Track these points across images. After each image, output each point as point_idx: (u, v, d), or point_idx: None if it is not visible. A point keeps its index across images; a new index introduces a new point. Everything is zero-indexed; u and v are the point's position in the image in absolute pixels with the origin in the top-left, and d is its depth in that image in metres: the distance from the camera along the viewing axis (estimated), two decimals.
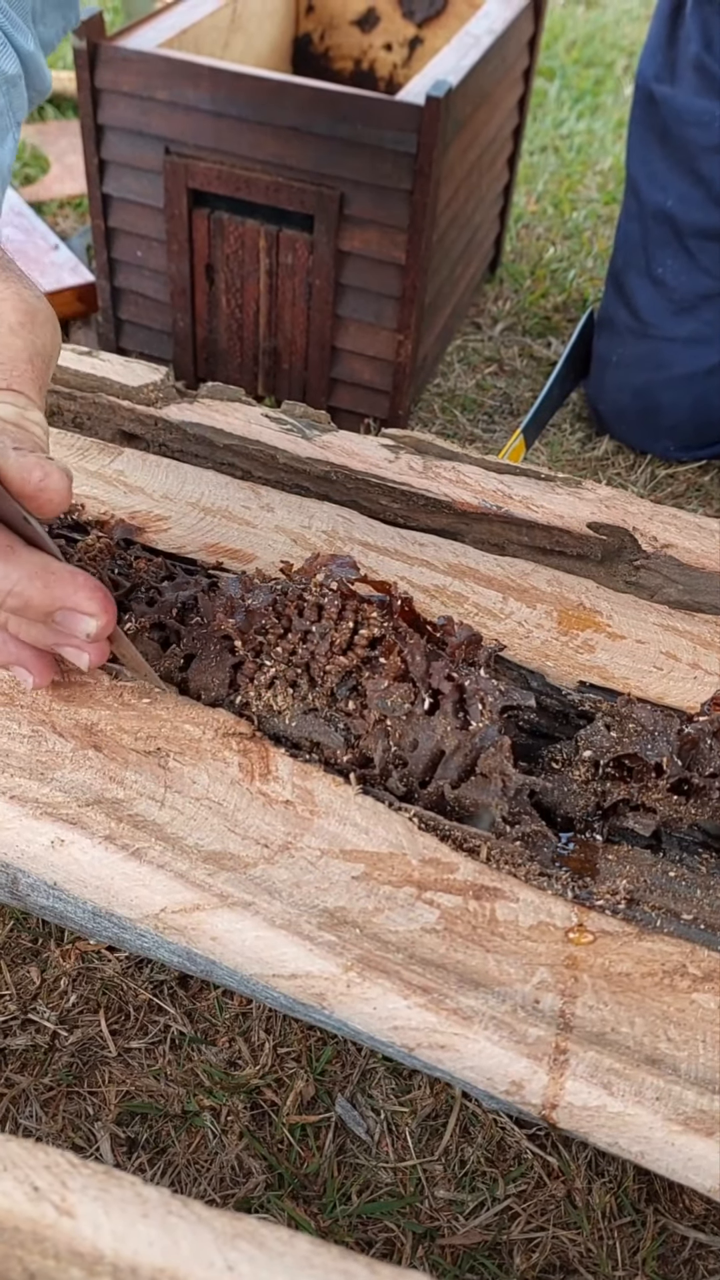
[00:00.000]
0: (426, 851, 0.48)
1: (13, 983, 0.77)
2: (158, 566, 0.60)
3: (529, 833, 0.50)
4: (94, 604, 0.44)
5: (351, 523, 0.67)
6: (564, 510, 0.67)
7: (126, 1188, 0.32)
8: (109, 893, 0.47)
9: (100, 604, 0.44)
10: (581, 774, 0.53)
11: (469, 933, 0.46)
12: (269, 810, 0.49)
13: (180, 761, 0.51)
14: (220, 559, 0.63)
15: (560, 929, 0.46)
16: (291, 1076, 0.73)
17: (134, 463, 0.70)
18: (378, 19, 1.52)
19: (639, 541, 0.65)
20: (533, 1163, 0.70)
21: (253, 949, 0.45)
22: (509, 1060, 0.42)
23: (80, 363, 0.75)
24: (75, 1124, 0.71)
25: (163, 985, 0.77)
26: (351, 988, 0.43)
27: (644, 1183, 0.70)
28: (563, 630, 0.61)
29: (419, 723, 0.51)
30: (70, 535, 0.64)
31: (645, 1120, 0.41)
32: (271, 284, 1.20)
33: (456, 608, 0.62)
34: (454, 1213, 0.68)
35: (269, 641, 0.54)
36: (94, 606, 0.44)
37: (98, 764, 0.51)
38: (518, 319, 1.52)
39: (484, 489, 0.68)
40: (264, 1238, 0.31)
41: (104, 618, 0.44)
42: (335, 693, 0.53)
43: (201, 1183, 0.69)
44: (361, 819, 0.49)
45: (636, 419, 1.28)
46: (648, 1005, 0.44)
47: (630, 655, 0.60)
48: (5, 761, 0.50)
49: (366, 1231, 0.67)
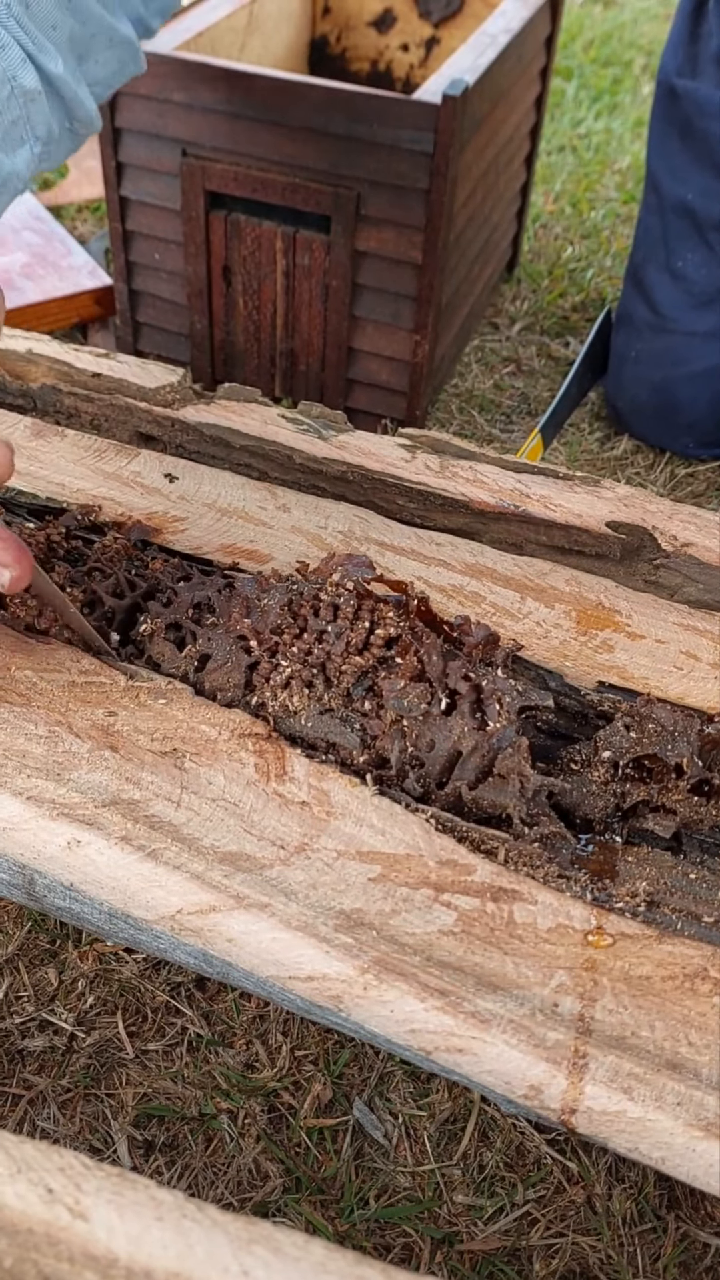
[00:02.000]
0: (444, 853, 0.48)
1: (30, 984, 0.77)
2: (174, 567, 0.60)
3: (547, 834, 0.49)
4: (7, 555, 0.49)
5: (368, 523, 0.67)
6: (582, 509, 0.66)
7: (141, 1191, 0.32)
8: (125, 894, 0.47)
9: (13, 556, 0.49)
10: (600, 775, 0.52)
11: (487, 935, 0.45)
12: (285, 811, 0.49)
13: (196, 762, 0.51)
14: (236, 559, 0.63)
15: (579, 931, 0.46)
16: (309, 1079, 0.73)
17: (151, 464, 0.70)
18: (394, 19, 1.52)
19: (658, 540, 0.65)
20: (552, 1168, 0.70)
21: (269, 951, 0.45)
22: (527, 1064, 0.41)
23: (98, 365, 0.75)
24: (93, 1126, 0.71)
25: (180, 987, 0.77)
26: (368, 990, 0.43)
27: (665, 1189, 0.69)
28: (581, 630, 0.61)
29: (436, 723, 0.51)
30: (87, 536, 0.64)
31: (666, 1126, 0.40)
32: (288, 285, 1.20)
33: (474, 608, 0.62)
34: (473, 1218, 0.68)
35: (285, 642, 0.53)
36: (7, 558, 0.49)
37: (114, 764, 0.51)
38: (535, 319, 1.51)
39: (501, 488, 0.67)
40: (279, 1242, 0.30)
41: (16, 569, 0.49)
42: (351, 693, 0.53)
43: (219, 1185, 0.68)
44: (378, 820, 0.49)
45: (655, 415, 1.27)
46: (668, 1009, 0.43)
47: (650, 655, 0.60)
48: (22, 762, 0.50)
49: (384, 1236, 0.67)
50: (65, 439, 0.71)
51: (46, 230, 1.49)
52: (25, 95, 0.61)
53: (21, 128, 0.62)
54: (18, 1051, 0.74)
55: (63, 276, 1.40)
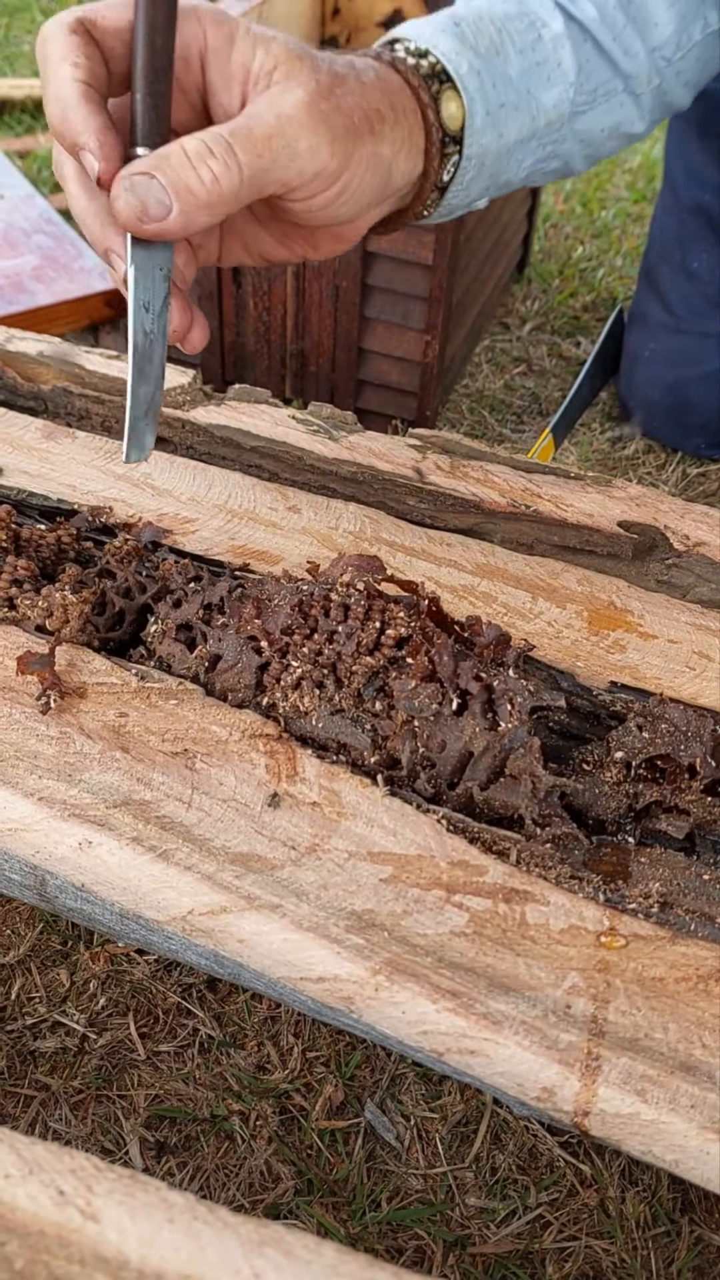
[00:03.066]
0: (455, 854, 0.48)
1: (43, 985, 0.77)
2: (185, 568, 0.60)
3: (559, 835, 0.49)
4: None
5: (379, 523, 0.66)
6: (594, 509, 0.66)
7: (152, 1193, 0.32)
8: (136, 895, 0.47)
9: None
10: (613, 775, 0.52)
11: (499, 936, 0.45)
12: (296, 812, 0.49)
13: (207, 763, 0.51)
14: (247, 560, 0.63)
15: (592, 933, 0.45)
16: (320, 1081, 0.73)
17: (162, 465, 0.70)
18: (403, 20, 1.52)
19: (670, 540, 0.64)
20: (565, 1171, 0.70)
21: (280, 951, 0.44)
22: (540, 1066, 0.41)
23: (109, 366, 0.75)
24: (104, 1127, 0.71)
25: (191, 988, 0.77)
26: (380, 991, 0.43)
27: (679, 1192, 0.69)
28: (593, 630, 0.61)
29: (447, 723, 0.51)
30: (98, 538, 0.64)
31: (679, 1128, 0.40)
32: (298, 286, 1.20)
33: (485, 608, 0.61)
34: (485, 1221, 0.68)
35: (295, 642, 0.53)
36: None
37: (125, 765, 0.51)
38: (546, 319, 1.51)
39: (512, 488, 0.67)
40: (290, 1245, 0.30)
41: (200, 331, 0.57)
42: (362, 693, 0.52)
43: (230, 1187, 0.68)
44: (389, 821, 0.49)
45: (667, 415, 1.27)
46: (681, 1011, 0.43)
47: (662, 655, 0.59)
48: (34, 763, 0.50)
49: (397, 1239, 0.67)
50: (76, 441, 0.71)
51: (58, 233, 1.49)
52: (553, 39, 0.68)
53: (549, 67, 0.68)
54: (30, 1052, 0.74)
55: (74, 279, 1.41)
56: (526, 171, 0.71)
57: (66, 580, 0.58)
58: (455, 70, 0.62)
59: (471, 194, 0.68)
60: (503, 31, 0.67)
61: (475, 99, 0.62)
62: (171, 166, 0.49)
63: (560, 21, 0.68)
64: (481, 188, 0.68)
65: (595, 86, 0.71)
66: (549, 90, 0.68)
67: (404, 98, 0.59)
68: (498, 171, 0.68)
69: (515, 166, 0.69)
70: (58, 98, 0.50)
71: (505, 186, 0.71)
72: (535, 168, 0.72)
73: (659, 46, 0.74)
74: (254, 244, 0.62)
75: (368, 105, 0.56)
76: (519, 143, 0.67)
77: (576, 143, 0.73)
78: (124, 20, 0.51)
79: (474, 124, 0.63)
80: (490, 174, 0.67)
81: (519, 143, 0.67)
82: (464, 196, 0.67)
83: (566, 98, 0.69)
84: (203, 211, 0.50)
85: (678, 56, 0.75)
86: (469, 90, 0.62)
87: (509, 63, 0.66)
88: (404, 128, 0.58)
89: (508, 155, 0.67)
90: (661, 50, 0.74)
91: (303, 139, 0.52)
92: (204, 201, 0.50)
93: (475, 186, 0.67)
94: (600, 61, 0.71)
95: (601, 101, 0.72)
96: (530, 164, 0.71)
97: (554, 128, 0.69)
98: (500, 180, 0.69)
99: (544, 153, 0.71)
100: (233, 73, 0.53)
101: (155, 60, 0.50)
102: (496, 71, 0.65)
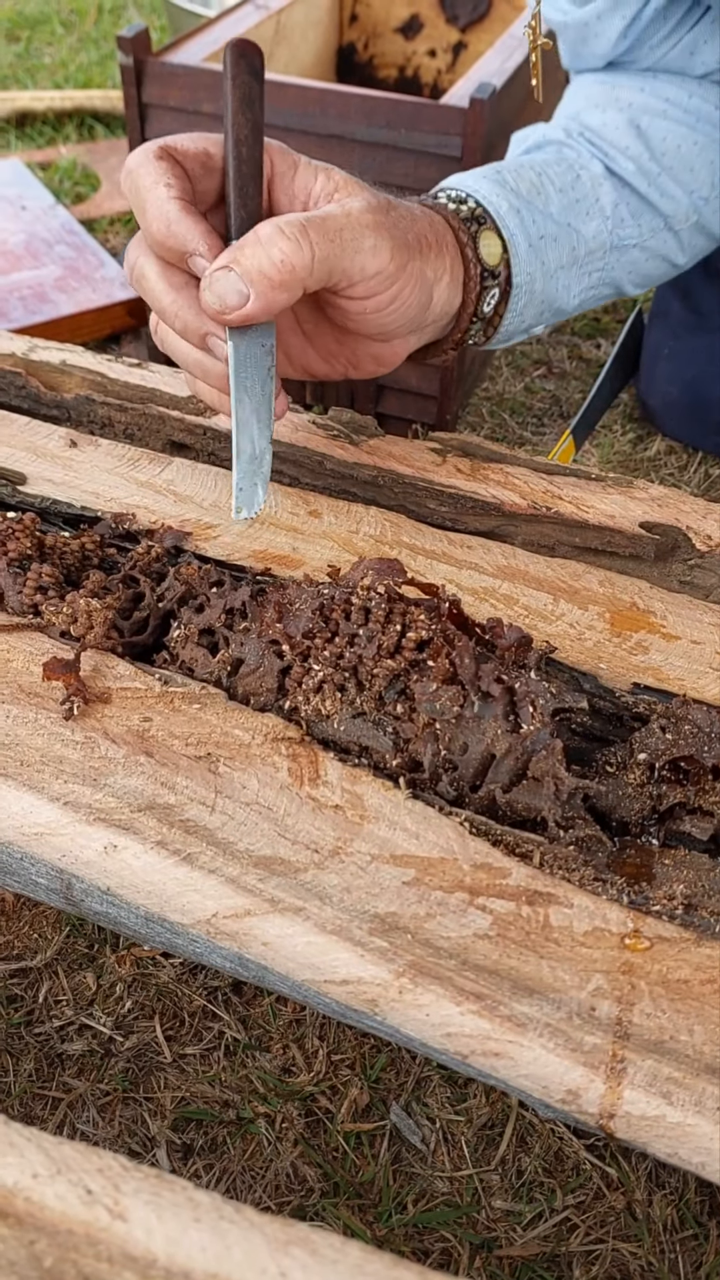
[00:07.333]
0: (478, 856, 0.48)
1: (69, 988, 0.78)
2: (206, 573, 0.60)
3: (583, 837, 0.49)
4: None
5: (399, 527, 0.67)
6: (615, 510, 0.66)
7: (179, 1192, 0.32)
8: (161, 898, 0.47)
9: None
10: (636, 777, 0.52)
11: (522, 939, 0.45)
12: (319, 815, 0.49)
13: (230, 766, 0.51)
14: (268, 565, 0.63)
15: (616, 935, 0.45)
16: (346, 1084, 0.73)
17: (184, 472, 0.70)
18: (421, 25, 1.52)
19: (693, 541, 0.64)
20: (591, 1173, 0.69)
21: (304, 955, 0.45)
22: (565, 1068, 0.41)
23: (130, 374, 0.76)
24: (131, 1129, 0.71)
25: (216, 991, 0.77)
26: (404, 994, 0.43)
27: (707, 1195, 0.68)
28: (615, 632, 0.60)
29: (469, 726, 0.51)
30: (121, 544, 0.64)
31: (706, 1131, 0.40)
32: None
33: (506, 610, 0.61)
34: (511, 1223, 0.67)
35: (317, 646, 0.54)
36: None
37: (149, 769, 0.51)
38: (566, 321, 1.51)
39: (533, 490, 0.67)
40: (316, 1244, 0.30)
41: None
42: (383, 696, 0.53)
43: (256, 1189, 0.69)
44: (412, 824, 0.49)
45: (686, 413, 1.26)
46: (707, 1013, 0.43)
47: (685, 656, 0.59)
48: (59, 768, 0.51)
49: (423, 1241, 0.67)
50: (99, 448, 0.72)
51: (79, 243, 1.51)
52: (592, 179, 0.75)
53: (588, 204, 0.75)
54: (57, 1055, 0.75)
55: (95, 289, 1.42)
56: (579, 299, 0.78)
57: (91, 586, 0.58)
58: (495, 210, 0.67)
59: (526, 319, 0.73)
60: (543, 175, 0.72)
61: (516, 233, 0.68)
62: (246, 255, 0.54)
63: (599, 166, 0.75)
64: (535, 314, 0.73)
65: (636, 223, 0.77)
66: (588, 222, 0.74)
67: (445, 233, 0.64)
68: (549, 298, 0.73)
69: (565, 294, 0.75)
70: (161, 215, 0.55)
71: (559, 314, 0.77)
72: (587, 294, 0.78)
73: (696, 189, 0.79)
74: (299, 358, 0.67)
75: (417, 229, 0.61)
76: (560, 269, 0.73)
77: (624, 271, 0.79)
78: (199, 147, 0.58)
79: (518, 254, 0.68)
80: (541, 300, 0.72)
81: (560, 269, 0.73)
82: (519, 322, 0.72)
83: (605, 229, 0.75)
84: (278, 291, 0.54)
85: (715, 195, 0.80)
86: (509, 226, 0.68)
87: (549, 200, 0.71)
88: (446, 259, 0.64)
89: (553, 281, 0.73)
90: (699, 191, 0.79)
91: (368, 237, 0.57)
92: (277, 281, 0.54)
93: (529, 313, 0.72)
94: (640, 204, 0.77)
95: (648, 237, 0.79)
96: (580, 290, 0.77)
97: (595, 256, 0.75)
98: (553, 306, 0.75)
99: (593, 279, 0.77)
100: (296, 193, 0.59)
101: (243, 167, 0.57)
102: (537, 209, 0.70)
